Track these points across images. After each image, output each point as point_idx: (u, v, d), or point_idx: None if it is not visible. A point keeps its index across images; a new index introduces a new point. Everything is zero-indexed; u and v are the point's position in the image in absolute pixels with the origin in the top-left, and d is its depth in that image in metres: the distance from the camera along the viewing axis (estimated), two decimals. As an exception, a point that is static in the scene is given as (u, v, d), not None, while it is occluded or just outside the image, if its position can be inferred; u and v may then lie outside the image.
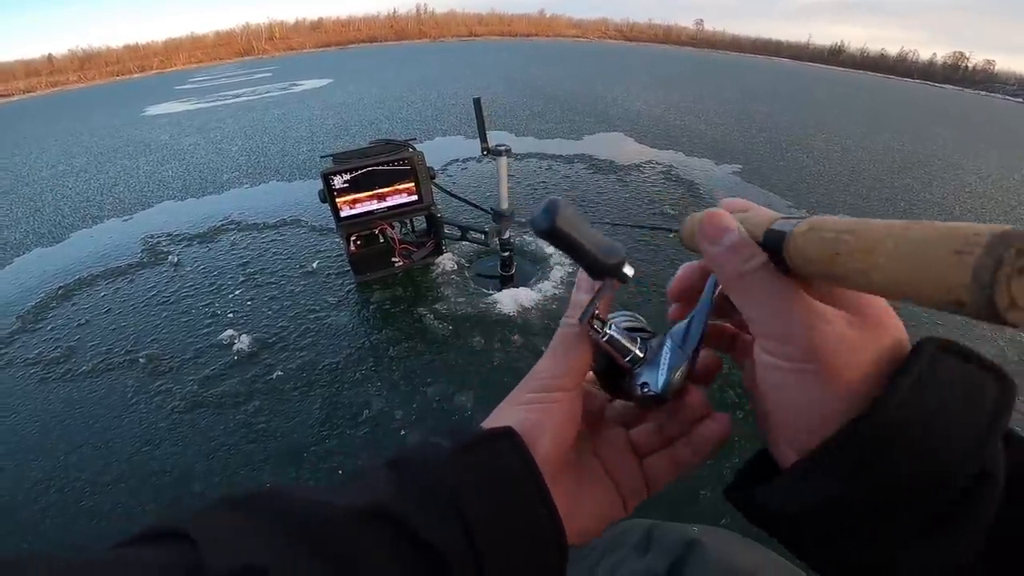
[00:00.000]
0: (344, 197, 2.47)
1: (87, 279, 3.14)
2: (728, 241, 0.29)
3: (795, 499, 0.27)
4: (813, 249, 0.24)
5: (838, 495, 0.25)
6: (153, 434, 1.96)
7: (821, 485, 0.25)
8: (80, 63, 28.75)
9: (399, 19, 36.40)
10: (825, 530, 0.26)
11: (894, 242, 0.20)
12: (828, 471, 0.25)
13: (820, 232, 0.24)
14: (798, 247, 0.25)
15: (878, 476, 0.24)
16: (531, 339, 2.32)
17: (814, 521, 0.26)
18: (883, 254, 0.21)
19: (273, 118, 8.02)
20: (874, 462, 0.24)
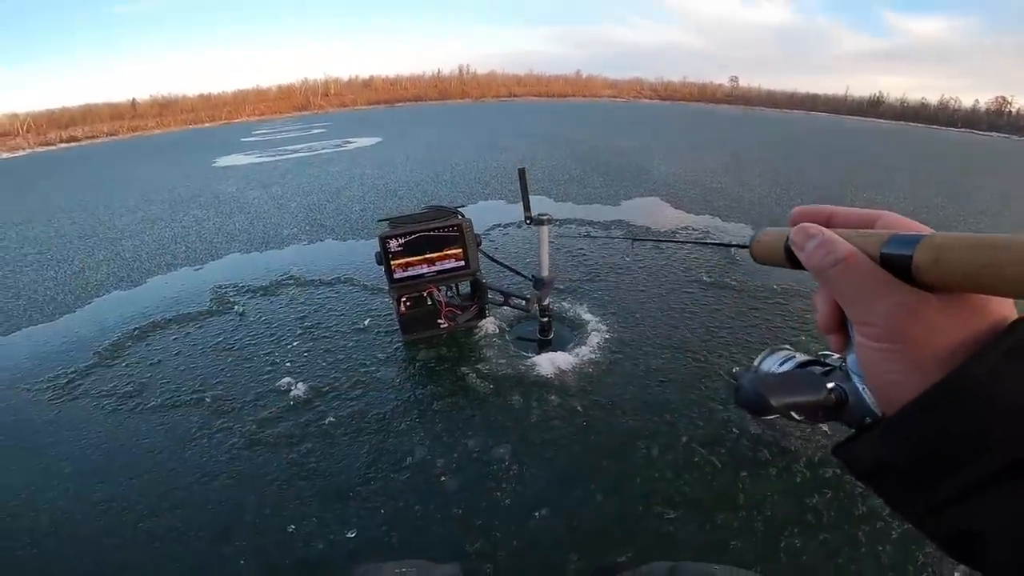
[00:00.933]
0: (398, 260, 2.70)
1: (160, 322, 3.45)
2: (812, 244, 0.33)
3: (875, 453, 0.31)
4: (952, 268, 0.26)
5: (905, 453, 0.29)
6: (212, 467, 2.15)
7: (890, 444, 0.29)
8: (160, 109, 31.05)
9: (443, 79, 38.18)
10: (898, 482, 0.30)
11: None
12: (896, 432, 0.29)
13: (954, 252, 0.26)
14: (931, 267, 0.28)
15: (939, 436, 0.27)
16: (568, 400, 2.45)
17: (890, 474, 0.30)
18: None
19: (329, 176, 8.56)
20: (937, 423, 0.27)
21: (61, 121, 28.08)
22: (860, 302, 0.31)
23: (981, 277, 0.25)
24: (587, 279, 3.79)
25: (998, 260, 0.24)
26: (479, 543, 1.76)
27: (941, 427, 0.27)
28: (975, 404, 0.25)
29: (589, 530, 1.79)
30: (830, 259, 0.32)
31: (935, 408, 0.27)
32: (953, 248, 0.26)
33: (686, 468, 2.03)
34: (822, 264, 0.33)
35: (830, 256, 0.32)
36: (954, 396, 0.26)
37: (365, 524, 1.85)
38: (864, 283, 0.30)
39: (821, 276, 0.33)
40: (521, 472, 2.05)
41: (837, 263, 0.32)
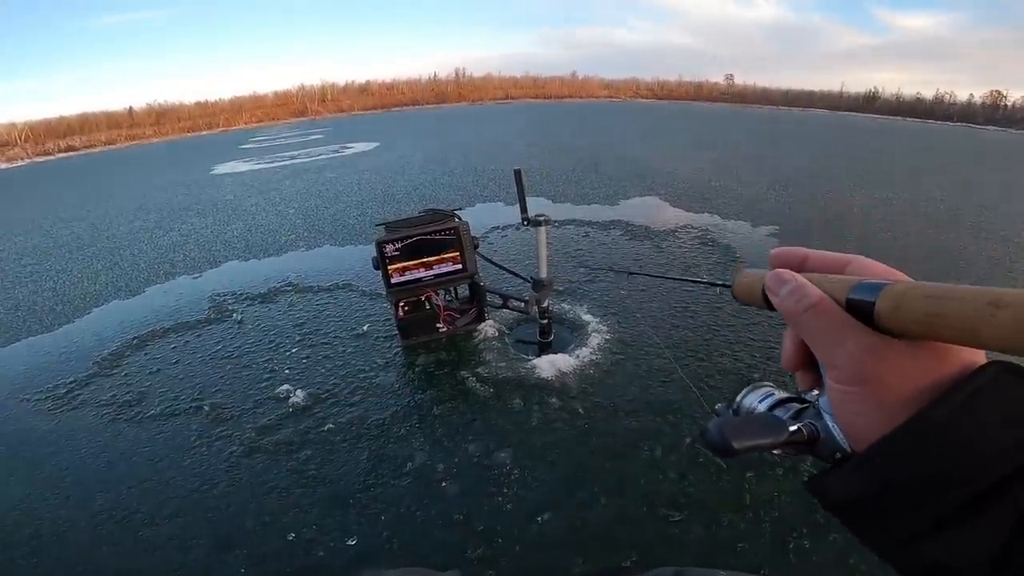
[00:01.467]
0: (395, 264, 2.68)
1: (159, 331, 3.44)
2: (786, 290, 0.35)
3: (842, 489, 0.32)
4: (909, 317, 0.28)
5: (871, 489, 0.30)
6: (212, 475, 2.13)
7: (859, 480, 0.31)
8: (157, 117, 31.17)
9: (439, 83, 38.31)
10: (866, 516, 0.31)
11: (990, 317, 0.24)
12: (864, 470, 0.30)
13: (913, 301, 0.28)
14: (891, 315, 0.29)
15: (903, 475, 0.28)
16: (569, 402, 2.43)
17: (858, 509, 0.31)
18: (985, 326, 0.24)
19: (326, 181, 8.57)
20: (900, 463, 0.28)
21: (59, 131, 28.19)
22: (828, 345, 0.32)
23: (931, 326, 0.27)
24: (587, 280, 3.77)
25: (944, 310, 0.26)
26: (481, 549, 1.74)
27: (907, 466, 0.28)
28: (938, 445, 0.27)
29: (593, 533, 1.77)
30: (801, 304, 0.33)
31: (900, 449, 0.28)
32: (911, 297, 0.28)
33: (691, 469, 2.01)
34: (794, 309, 0.34)
35: (801, 302, 0.33)
36: (917, 438, 0.28)
37: (366, 531, 1.83)
38: (832, 327, 0.32)
39: (792, 320, 0.35)
40: (523, 476, 2.03)
41: (808, 308, 0.33)
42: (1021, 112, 23.76)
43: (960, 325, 0.25)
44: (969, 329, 0.25)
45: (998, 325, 0.24)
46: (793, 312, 0.34)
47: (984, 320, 0.24)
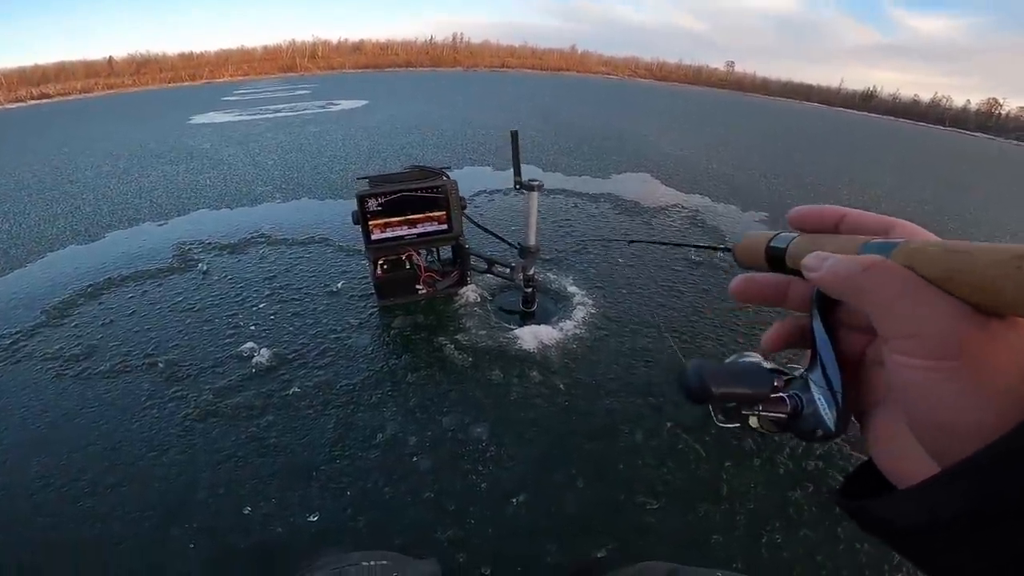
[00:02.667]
0: (376, 220, 2.51)
1: (116, 280, 3.21)
2: (831, 260, 0.29)
3: (931, 510, 0.25)
4: (928, 269, 0.25)
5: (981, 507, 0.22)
6: (162, 440, 1.96)
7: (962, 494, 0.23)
8: (137, 67, 30.00)
9: (435, 46, 37.45)
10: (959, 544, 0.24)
11: (1016, 270, 0.21)
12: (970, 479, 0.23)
13: (931, 252, 0.25)
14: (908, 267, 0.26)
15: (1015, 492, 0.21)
16: (550, 377, 2.30)
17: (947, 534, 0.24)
18: (1009, 280, 0.21)
19: (309, 135, 8.24)
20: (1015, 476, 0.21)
21: (33, 79, 26.95)
22: (905, 308, 0.26)
23: (950, 284, 0.24)
24: (574, 251, 3.63)
25: (964, 266, 0.23)
26: (452, 530, 1.61)
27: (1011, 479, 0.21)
28: None
29: (569, 518, 1.67)
30: (858, 265, 0.28)
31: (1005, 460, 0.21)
32: (927, 253, 0.25)
33: (670, 455, 1.92)
34: (848, 272, 0.28)
35: (858, 263, 0.28)
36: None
37: (329, 506, 1.69)
38: (907, 287, 0.25)
39: (845, 286, 0.28)
40: (499, 453, 1.90)
41: (867, 268, 0.27)
42: (1014, 122, 24.11)
43: (982, 284, 0.23)
44: (992, 288, 0.22)
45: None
46: (849, 275, 0.28)
47: (1009, 275, 0.21)
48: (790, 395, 0.36)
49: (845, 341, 0.35)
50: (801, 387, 0.36)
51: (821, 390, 0.34)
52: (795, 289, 0.37)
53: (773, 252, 0.37)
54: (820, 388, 0.34)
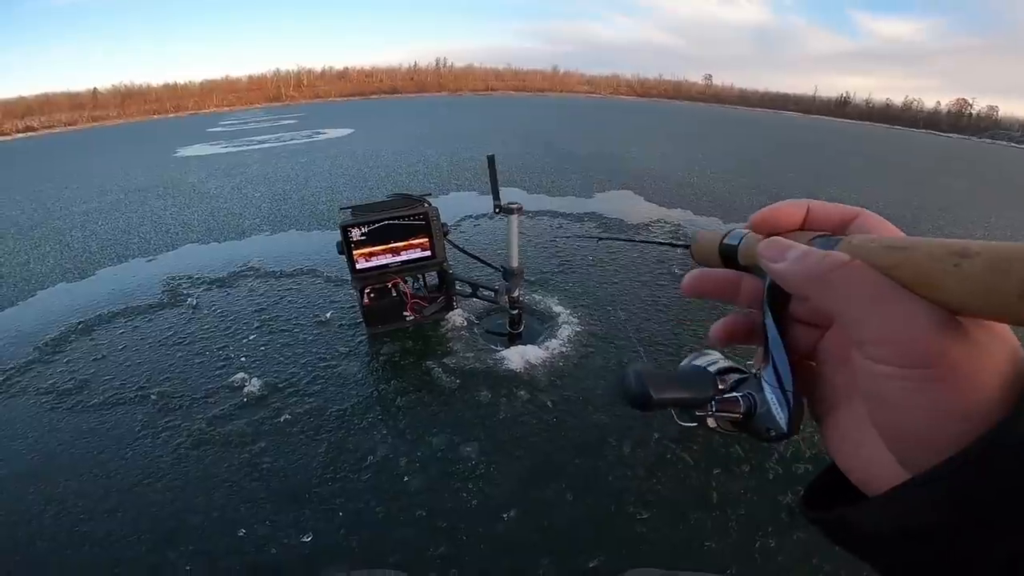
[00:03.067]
0: (361, 250, 2.57)
1: (107, 316, 3.24)
2: (795, 253, 0.28)
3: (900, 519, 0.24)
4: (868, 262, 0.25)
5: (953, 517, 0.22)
6: (156, 468, 2.00)
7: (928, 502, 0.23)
8: (122, 99, 30.13)
9: (420, 72, 38.03)
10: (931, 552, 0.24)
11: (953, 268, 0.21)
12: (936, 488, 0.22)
13: (871, 248, 0.25)
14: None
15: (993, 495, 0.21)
16: (537, 395, 2.36)
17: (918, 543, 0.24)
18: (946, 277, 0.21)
19: (296, 166, 8.32)
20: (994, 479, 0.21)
21: (17, 111, 26.98)
22: (874, 313, 0.24)
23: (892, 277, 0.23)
24: (558, 271, 3.70)
25: (905, 262, 0.23)
26: (444, 547, 1.65)
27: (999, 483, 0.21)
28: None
29: (560, 532, 1.71)
30: (826, 263, 0.26)
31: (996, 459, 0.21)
32: (870, 248, 0.25)
33: (659, 466, 1.97)
34: (818, 269, 0.26)
35: (825, 261, 0.26)
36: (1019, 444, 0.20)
37: (322, 527, 1.73)
38: (881, 290, 0.24)
39: (812, 284, 0.26)
40: (488, 471, 1.95)
41: (837, 267, 0.25)
42: (985, 121, 24.70)
43: (920, 279, 0.22)
44: (928, 283, 0.22)
45: (963, 277, 0.21)
46: (818, 273, 0.26)
47: (947, 272, 0.21)
48: (744, 395, 0.36)
49: (796, 337, 0.33)
50: (755, 386, 0.35)
51: (773, 389, 0.33)
52: (747, 285, 0.35)
53: (726, 249, 0.36)
54: (772, 387, 0.34)
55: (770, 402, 0.34)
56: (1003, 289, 0.19)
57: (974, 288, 0.20)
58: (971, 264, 0.20)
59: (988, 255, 0.20)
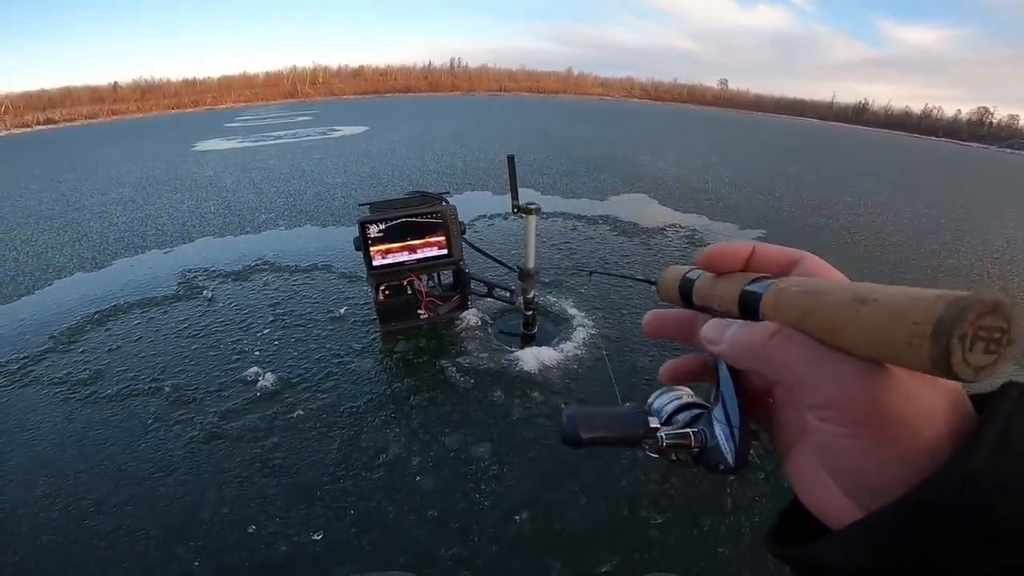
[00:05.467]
0: (378, 246, 2.56)
1: (123, 306, 3.26)
2: (732, 330, 0.29)
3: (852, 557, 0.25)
4: (784, 313, 0.26)
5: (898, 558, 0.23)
6: (168, 461, 2.00)
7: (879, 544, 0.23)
8: (141, 93, 30.50)
9: (434, 71, 38.14)
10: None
11: (853, 314, 0.22)
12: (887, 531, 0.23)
13: (791, 293, 0.26)
14: (771, 312, 0.27)
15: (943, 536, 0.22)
16: (551, 397, 2.34)
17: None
18: (847, 324, 0.22)
19: (312, 162, 8.37)
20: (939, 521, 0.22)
21: (39, 104, 27.41)
22: (813, 377, 0.25)
23: (804, 324, 0.24)
24: (574, 273, 3.68)
25: (816, 306, 0.24)
26: (456, 547, 1.64)
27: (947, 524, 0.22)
28: (980, 496, 0.21)
29: (572, 535, 1.69)
30: (759, 338, 0.27)
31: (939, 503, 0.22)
32: (786, 295, 0.26)
33: (673, 471, 1.93)
34: (753, 346, 0.28)
35: (759, 335, 0.28)
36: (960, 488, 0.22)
37: (333, 526, 1.72)
38: (810, 355, 0.25)
39: (752, 357, 0.28)
40: (501, 472, 1.93)
41: (767, 340, 0.27)
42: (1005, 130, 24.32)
43: (826, 325, 0.23)
44: (832, 329, 0.23)
45: (860, 323, 0.21)
46: (751, 351, 0.28)
47: (848, 318, 0.22)
48: (697, 430, 0.37)
49: (751, 377, 0.34)
50: (707, 422, 0.37)
51: (721, 426, 0.35)
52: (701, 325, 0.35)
53: (684, 287, 0.36)
54: (721, 424, 0.35)
55: (719, 437, 0.35)
56: (894, 336, 0.20)
57: (870, 334, 0.21)
58: (868, 310, 0.21)
59: (884, 302, 0.21)
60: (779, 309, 0.26)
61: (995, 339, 0.19)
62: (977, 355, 0.19)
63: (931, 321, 0.19)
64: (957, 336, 0.18)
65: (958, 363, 0.18)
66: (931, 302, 0.19)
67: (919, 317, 0.19)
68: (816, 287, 0.25)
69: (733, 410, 0.34)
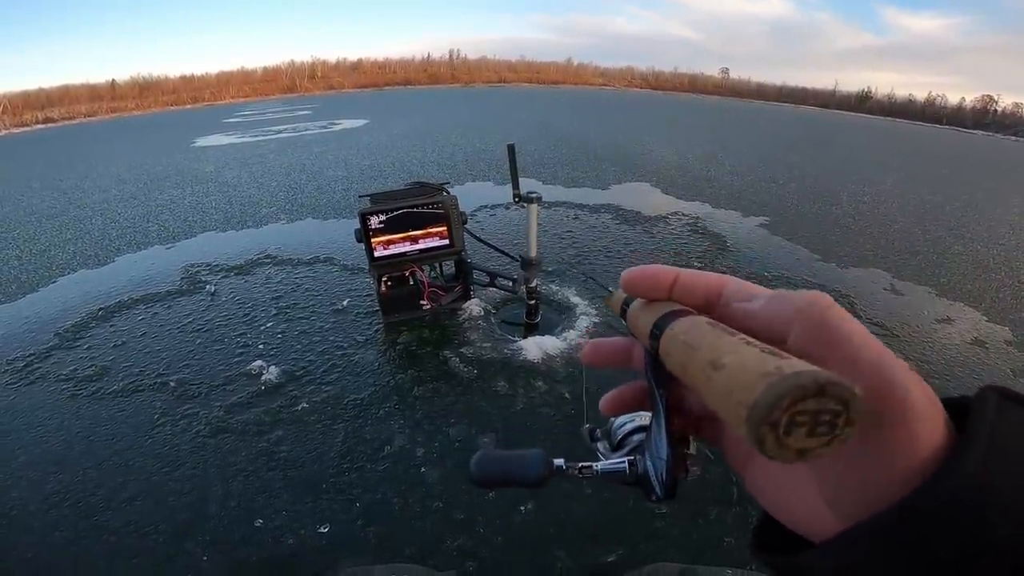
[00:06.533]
0: (379, 237, 2.55)
1: (127, 302, 3.26)
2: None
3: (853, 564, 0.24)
4: (672, 363, 0.25)
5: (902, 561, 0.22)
6: (175, 456, 2.00)
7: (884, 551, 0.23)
8: (140, 90, 30.51)
9: (433, 63, 37.99)
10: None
11: (707, 380, 0.21)
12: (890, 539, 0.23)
13: (677, 341, 0.25)
14: (666, 358, 0.26)
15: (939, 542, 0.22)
16: (555, 386, 2.33)
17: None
18: (704, 388, 0.22)
19: (312, 156, 8.34)
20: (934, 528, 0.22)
21: (37, 103, 27.44)
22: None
23: (684, 374, 0.24)
24: (576, 261, 3.66)
25: (687, 360, 0.23)
26: (461, 539, 1.64)
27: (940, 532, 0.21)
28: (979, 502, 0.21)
29: (577, 526, 1.69)
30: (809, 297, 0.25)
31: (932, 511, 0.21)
32: (673, 343, 0.25)
33: (679, 460, 1.93)
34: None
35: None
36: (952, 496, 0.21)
37: (339, 518, 1.72)
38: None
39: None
40: (506, 462, 1.92)
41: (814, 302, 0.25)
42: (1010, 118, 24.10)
43: (693, 382, 0.23)
44: (696, 387, 0.22)
45: (711, 389, 0.21)
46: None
47: (704, 380, 0.21)
48: (632, 460, 0.39)
49: (690, 398, 0.34)
50: (643, 451, 0.37)
51: (652, 457, 0.35)
52: (637, 352, 0.34)
53: (623, 310, 0.34)
54: (651, 455, 0.35)
55: (649, 468, 0.35)
56: (729, 410, 0.19)
57: (717, 403, 0.20)
58: (718, 377, 0.20)
59: (729, 371, 0.20)
60: (670, 354, 0.26)
61: (824, 422, 0.18)
62: (799, 439, 0.18)
63: (748, 404, 0.18)
64: (767, 423, 0.17)
65: (771, 447, 0.18)
66: (753, 382, 0.18)
67: (743, 396, 0.18)
68: (693, 340, 0.24)
69: (660, 441, 0.34)
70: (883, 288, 3.59)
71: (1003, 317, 3.21)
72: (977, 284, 3.73)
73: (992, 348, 2.86)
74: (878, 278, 3.76)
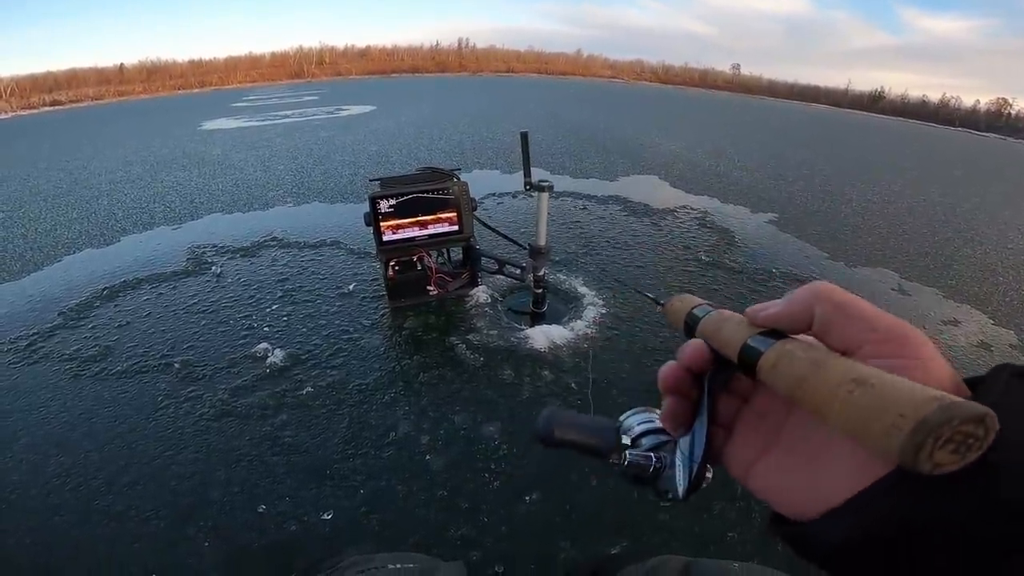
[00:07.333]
0: (388, 222, 2.52)
1: (132, 282, 3.25)
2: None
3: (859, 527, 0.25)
4: (782, 375, 0.26)
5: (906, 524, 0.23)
6: (178, 439, 1.98)
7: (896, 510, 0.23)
8: (148, 74, 30.47)
9: (441, 51, 37.78)
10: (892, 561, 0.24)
11: (847, 393, 0.23)
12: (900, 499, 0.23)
13: (790, 360, 0.26)
14: (769, 369, 0.27)
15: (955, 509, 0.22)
16: (561, 376, 2.31)
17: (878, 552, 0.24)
18: (837, 400, 0.23)
19: (319, 140, 8.31)
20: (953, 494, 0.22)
21: (45, 85, 27.43)
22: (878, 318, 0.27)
23: (797, 390, 0.25)
24: (584, 251, 3.63)
25: (812, 376, 0.25)
26: (465, 528, 1.62)
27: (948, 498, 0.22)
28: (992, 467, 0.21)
29: (583, 516, 1.67)
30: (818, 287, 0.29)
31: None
32: (792, 356, 0.27)
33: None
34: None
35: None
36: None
37: (343, 504, 1.70)
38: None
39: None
40: (511, 452, 1.91)
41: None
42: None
43: (818, 396, 0.24)
44: (823, 400, 0.24)
45: (850, 403, 0.22)
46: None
47: (842, 396, 0.23)
48: (659, 456, 0.40)
49: (719, 410, 0.36)
50: (670, 450, 0.39)
51: (684, 457, 0.36)
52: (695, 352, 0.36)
53: (689, 320, 0.36)
54: (683, 455, 0.36)
55: (678, 467, 0.37)
56: (878, 421, 0.21)
57: (856, 415, 0.22)
58: (863, 393, 0.22)
59: (881, 389, 0.22)
60: (779, 369, 0.27)
61: (967, 444, 0.20)
62: (943, 454, 0.20)
63: (917, 418, 0.20)
64: (934, 436, 0.19)
65: (924, 457, 0.20)
66: (926, 401, 0.20)
67: (908, 411, 0.20)
68: (819, 359, 0.25)
69: (699, 445, 0.35)
70: (891, 288, 3.56)
71: (1009, 321, 3.17)
72: (984, 287, 3.69)
73: (997, 351, 2.83)
74: (886, 278, 3.72)
